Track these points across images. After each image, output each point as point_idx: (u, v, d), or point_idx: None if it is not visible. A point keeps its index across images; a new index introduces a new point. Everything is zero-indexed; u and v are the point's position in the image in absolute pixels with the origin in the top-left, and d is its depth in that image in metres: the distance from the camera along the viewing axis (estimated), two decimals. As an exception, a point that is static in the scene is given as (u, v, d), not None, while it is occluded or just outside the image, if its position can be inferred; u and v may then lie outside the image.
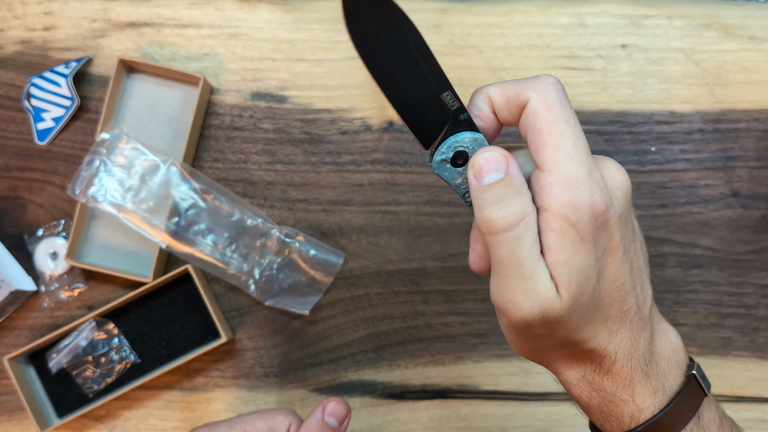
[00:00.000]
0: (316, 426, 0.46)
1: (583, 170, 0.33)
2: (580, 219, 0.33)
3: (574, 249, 0.33)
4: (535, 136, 0.34)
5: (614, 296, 0.35)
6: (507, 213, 0.33)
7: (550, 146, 0.33)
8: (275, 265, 0.64)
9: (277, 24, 0.65)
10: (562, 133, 0.33)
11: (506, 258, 0.33)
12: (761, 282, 0.63)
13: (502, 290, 0.34)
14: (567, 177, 0.33)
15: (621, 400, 0.37)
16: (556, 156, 0.33)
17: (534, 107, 0.34)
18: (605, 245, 0.34)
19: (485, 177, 0.34)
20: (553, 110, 0.34)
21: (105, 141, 0.63)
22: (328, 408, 0.47)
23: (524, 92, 0.34)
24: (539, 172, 0.34)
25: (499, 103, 0.36)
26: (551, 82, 0.34)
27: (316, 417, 0.46)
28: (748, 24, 0.64)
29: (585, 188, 0.33)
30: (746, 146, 0.64)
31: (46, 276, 0.65)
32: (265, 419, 0.47)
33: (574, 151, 0.33)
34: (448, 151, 0.35)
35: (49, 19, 0.66)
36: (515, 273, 0.33)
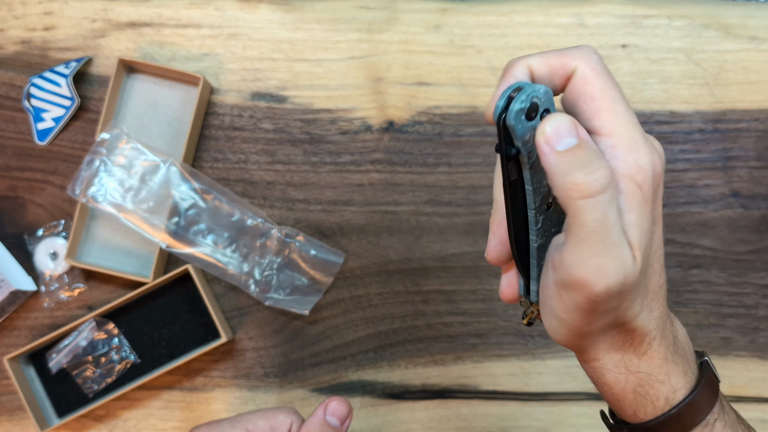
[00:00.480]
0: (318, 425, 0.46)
1: (640, 132, 0.33)
2: (645, 179, 0.33)
3: (641, 210, 0.33)
4: (588, 102, 0.34)
5: (655, 267, 0.35)
6: (599, 176, 0.32)
7: (605, 110, 0.33)
8: (275, 265, 0.64)
9: (277, 24, 0.65)
10: (615, 97, 0.33)
11: (597, 223, 0.32)
12: (761, 282, 0.63)
13: (588, 260, 0.32)
14: (628, 139, 0.33)
15: (658, 381, 0.37)
16: (614, 119, 0.33)
17: (583, 75, 0.34)
18: (656, 211, 0.34)
19: (560, 143, 0.32)
20: (602, 76, 0.34)
21: (105, 141, 0.63)
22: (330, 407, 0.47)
23: (569, 61, 0.34)
24: (597, 138, 0.33)
25: (542, 73, 0.35)
26: (594, 50, 0.34)
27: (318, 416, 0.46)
28: (748, 24, 0.64)
29: (645, 149, 0.33)
30: (746, 146, 0.64)
31: (46, 276, 0.65)
32: (267, 418, 0.47)
33: (629, 114, 0.33)
34: (527, 101, 0.34)
35: (49, 19, 0.66)
36: (605, 239, 0.32)
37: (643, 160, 0.33)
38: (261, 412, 0.47)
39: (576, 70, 0.34)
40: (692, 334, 0.64)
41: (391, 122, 0.65)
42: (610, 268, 0.32)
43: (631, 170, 0.33)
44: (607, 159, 0.33)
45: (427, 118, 0.64)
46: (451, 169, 0.64)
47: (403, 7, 0.65)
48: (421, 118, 0.64)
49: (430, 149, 0.64)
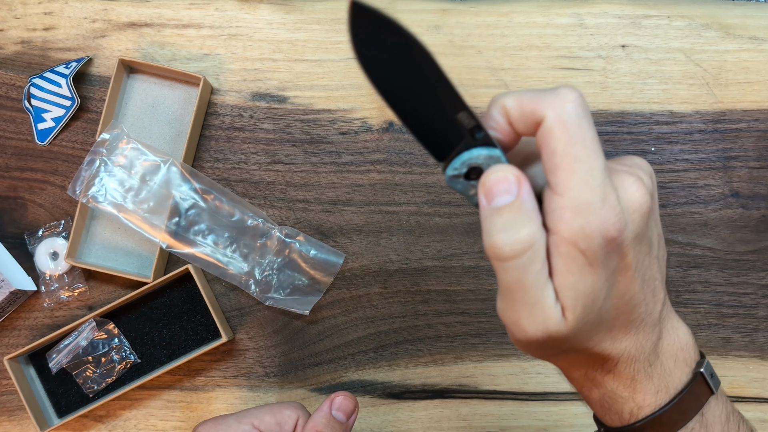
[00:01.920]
0: (324, 420, 0.46)
1: (597, 196, 0.31)
2: (590, 246, 0.32)
3: (581, 274, 0.32)
4: (549, 157, 0.32)
5: (621, 309, 0.35)
6: (515, 240, 0.31)
7: (563, 169, 0.32)
8: (275, 265, 0.64)
9: (278, 24, 0.65)
10: (577, 155, 0.32)
11: (512, 284, 0.32)
12: (761, 282, 0.63)
13: (507, 312, 0.33)
14: (579, 203, 0.31)
15: (621, 398, 0.37)
16: (568, 180, 0.31)
17: (549, 126, 0.32)
18: (615, 266, 0.33)
19: (495, 198, 0.32)
20: (568, 131, 0.32)
21: (105, 141, 0.63)
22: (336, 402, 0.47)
23: (540, 108, 0.32)
24: (551, 194, 0.32)
25: (515, 116, 0.34)
26: (570, 99, 0.32)
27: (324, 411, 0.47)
28: (748, 24, 0.64)
29: (597, 215, 0.31)
30: (746, 146, 0.64)
31: (46, 276, 0.65)
32: (273, 413, 0.47)
33: (588, 175, 0.31)
34: (462, 167, 0.34)
35: (49, 19, 0.66)
36: (521, 298, 0.32)
37: (591, 226, 0.31)
38: (267, 407, 0.47)
39: (544, 119, 0.32)
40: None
41: (391, 122, 0.65)
42: (526, 324, 0.33)
43: (574, 236, 0.31)
44: (555, 219, 0.32)
45: (427, 118, 0.64)
46: (451, 169, 0.64)
47: (403, 7, 0.65)
48: (421, 118, 0.65)
49: (430, 149, 0.64)
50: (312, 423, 0.46)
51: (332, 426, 0.46)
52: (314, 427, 0.46)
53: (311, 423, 0.46)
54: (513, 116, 0.34)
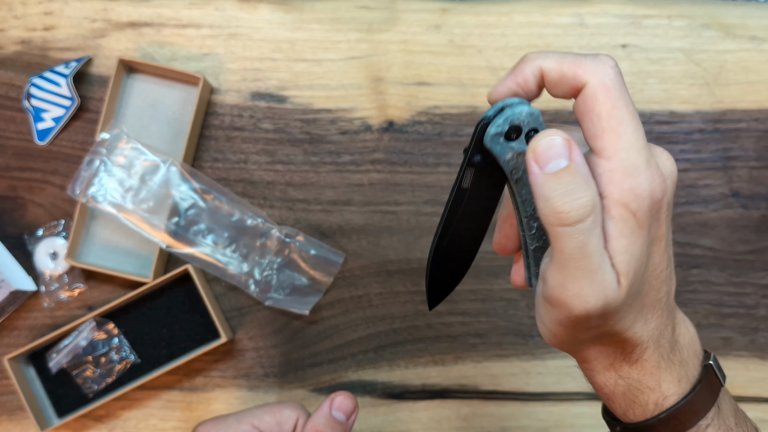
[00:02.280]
0: (324, 420, 0.46)
1: (643, 157, 0.32)
2: (640, 207, 0.32)
3: (633, 236, 0.32)
4: (594, 121, 0.32)
5: (653, 284, 0.35)
6: (579, 204, 0.31)
7: (610, 132, 0.32)
8: (275, 265, 0.64)
9: (277, 24, 0.65)
10: (623, 119, 0.32)
11: (576, 250, 0.32)
12: (761, 282, 0.63)
13: (568, 284, 0.32)
14: (628, 164, 0.32)
15: (647, 388, 0.37)
16: (616, 143, 0.32)
17: (593, 91, 0.32)
18: (654, 233, 0.34)
19: (549, 164, 0.32)
20: (613, 95, 0.32)
21: (105, 141, 0.63)
22: (336, 402, 0.47)
23: (582, 73, 0.33)
24: (597, 159, 0.33)
25: (552, 78, 0.34)
26: (611, 65, 0.33)
27: (324, 411, 0.46)
28: (748, 24, 0.64)
29: (645, 176, 0.32)
30: (746, 146, 0.64)
31: (46, 276, 0.65)
32: (273, 413, 0.47)
33: (634, 137, 0.32)
34: (504, 124, 0.34)
35: (49, 19, 0.66)
36: (584, 266, 0.32)
37: (641, 186, 0.32)
38: (267, 407, 0.47)
39: (587, 85, 0.33)
40: (692, 334, 0.64)
41: (391, 122, 0.65)
42: (589, 294, 0.32)
43: (625, 197, 0.32)
44: (604, 183, 0.32)
45: (427, 118, 0.64)
46: (451, 169, 0.64)
47: (403, 7, 0.65)
48: (421, 118, 0.64)
49: (430, 149, 0.64)
50: (312, 423, 0.46)
51: (332, 426, 0.46)
52: (314, 426, 0.46)
53: (311, 423, 0.46)
54: (550, 78, 0.34)
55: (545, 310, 0.35)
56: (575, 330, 0.35)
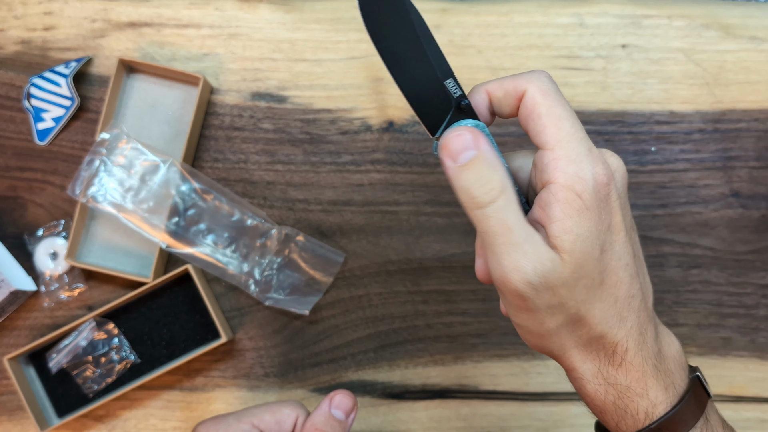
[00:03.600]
0: (323, 419, 0.46)
1: (584, 146, 0.36)
2: (584, 188, 0.35)
3: (579, 217, 0.35)
4: (536, 120, 0.36)
5: (620, 276, 0.37)
6: (490, 187, 0.35)
7: (551, 126, 0.36)
8: (275, 265, 0.64)
9: (277, 24, 0.65)
10: (561, 114, 0.36)
11: (497, 226, 0.35)
12: (761, 282, 0.63)
13: (502, 260, 0.35)
14: (570, 151, 0.35)
15: (636, 395, 0.38)
16: (557, 134, 0.36)
17: (532, 95, 0.36)
18: (609, 222, 0.36)
19: (459, 157, 0.36)
20: (549, 96, 0.36)
21: (105, 141, 0.63)
22: (335, 401, 0.47)
23: (521, 84, 0.37)
24: (543, 152, 0.36)
25: (498, 96, 0.38)
26: (544, 74, 0.37)
27: (323, 410, 0.47)
28: (748, 24, 0.64)
29: (587, 161, 0.35)
30: (746, 146, 0.64)
31: (46, 276, 0.65)
32: (273, 412, 0.47)
33: (573, 129, 0.36)
34: None
35: (49, 19, 0.66)
36: (510, 239, 0.35)
37: (584, 170, 0.35)
38: (266, 406, 0.47)
39: (526, 91, 0.37)
40: (692, 334, 0.64)
41: (391, 122, 0.65)
42: (523, 263, 0.35)
43: (569, 180, 0.35)
44: (550, 170, 0.35)
45: (427, 118, 0.64)
46: (451, 169, 0.64)
47: (403, 7, 0.65)
48: (421, 118, 0.64)
49: (430, 149, 0.64)
50: (311, 421, 0.46)
51: (331, 424, 0.46)
52: (313, 425, 0.46)
53: (310, 422, 0.46)
54: (496, 97, 0.38)
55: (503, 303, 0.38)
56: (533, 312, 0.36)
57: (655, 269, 0.64)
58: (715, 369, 0.63)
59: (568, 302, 0.36)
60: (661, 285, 0.64)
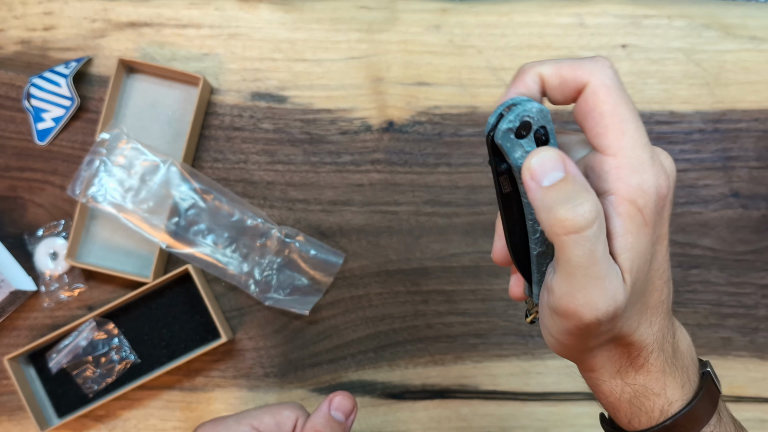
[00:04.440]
0: (323, 420, 0.46)
1: (647, 153, 0.33)
2: (647, 203, 0.32)
3: (639, 233, 0.32)
4: (597, 120, 0.33)
5: (656, 284, 0.35)
6: (583, 211, 0.31)
7: (614, 130, 0.32)
8: (275, 265, 0.64)
9: (277, 24, 0.65)
10: (625, 116, 0.33)
11: (584, 258, 0.31)
12: (761, 282, 0.63)
13: (577, 293, 0.32)
14: (634, 160, 0.32)
15: (653, 394, 0.37)
16: (621, 140, 0.32)
17: (594, 90, 0.33)
18: (659, 231, 0.34)
19: (545, 178, 0.32)
20: (614, 93, 0.33)
21: (105, 141, 0.63)
22: (335, 402, 0.47)
23: (582, 75, 0.33)
24: (603, 157, 0.33)
25: (553, 83, 0.34)
26: (608, 64, 0.33)
27: (323, 411, 0.46)
28: (748, 24, 0.64)
29: (651, 171, 0.32)
30: (746, 146, 0.64)
31: (46, 276, 0.65)
32: (272, 414, 0.47)
33: (638, 134, 0.33)
34: (515, 120, 0.33)
35: (49, 19, 0.66)
36: (593, 273, 0.32)
37: (648, 183, 0.32)
38: (266, 408, 0.47)
39: (588, 85, 0.33)
40: (692, 334, 0.63)
41: (391, 122, 0.65)
42: (599, 300, 0.32)
43: (633, 193, 0.32)
44: (611, 180, 0.32)
45: (427, 118, 0.64)
46: (451, 169, 0.64)
47: (403, 7, 0.65)
48: (421, 118, 0.64)
49: (430, 149, 0.64)
50: (311, 423, 0.46)
51: (331, 426, 0.46)
52: (313, 427, 0.46)
53: (310, 423, 0.46)
54: (550, 84, 0.34)
55: (553, 321, 0.35)
56: (585, 338, 0.34)
57: (655, 269, 0.64)
58: (715, 369, 0.63)
59: (618, 325, 0.34)
60: (661, 285, 0.64)
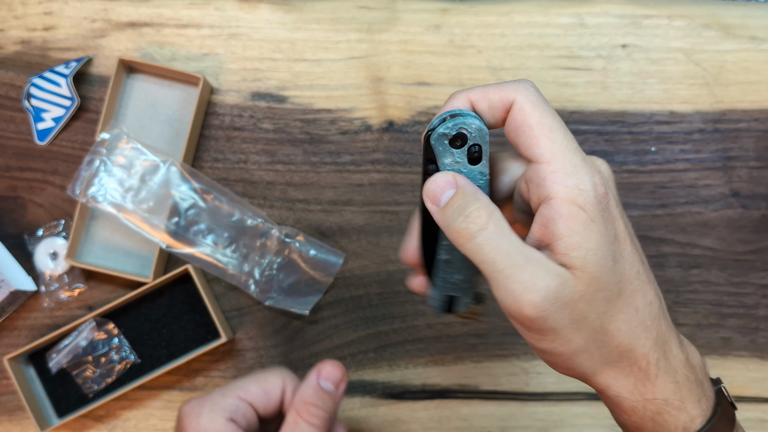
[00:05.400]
0: (311, 391, 0.45)
1: (579, 156, 0.35)
2: (587, 200, 0.34)
3: (586, 231, 0.34)
4: (527, 132, 0.35)
5: (635, 284, 0.36)
6: (474, 217, 0.34)
7: (544, 138, 0.34)
8: (275, 265, 0.64)
9: (277, 24, 0.65)
10: (552, 125, 0.35)
11: (495, 254, 0.34)
12: (761, 282, 0.63)
13: (509, 285, 0.34)
14: (566, 164, 0.34)
15: (674, 408, 0.36)
16: (552, 146, 0.34)
17: (521, 106, 0.35)
18: (614, 231, 0.35)
19: (441, 197, 0.36)
20: (539, 107, 0.35)
21: (105, 141, 0.63)
22: (324, 372, 0.46)
23: (507, 95, 0.36)
24: (537, 165, 0.35)
25: (482, 107, 0.37)
26: (531, 84, 0.36)
27: (311, 382, 0.45)
28: (748, 24, 0.64)
29: (585, 171, 0.34)
30: (746, 146, 0.64)
31: (46, 276, 0.65)
32: (258, 382, 0.46)
33: (566, 140, 0.35)
34: (453, 128, 0.36)
35: (49, 19, 0.66)
36: (511, 263, 0.34)
37: (584, 182, 0.34)
38: (251, 377, 0.46)
39: (514, 103, 0.35)
40: (692, 334, 0.64)
41: (391, 122, 0.65)
42: (531, 283, 0.33)
43: (571, 194, 0.34)
44: (548, 184, 0.34)
45: (427, 118, 0.64)
46: (451, 169, 0.64)
47: (403, 7, 0.65)
48: (421, 118, 0.65)
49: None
50: (300, 396, 0.45)
51: (321, 396, 0.45)
52: (302, 399, 0.45)
53: (299, 396, 0.45)
54: (480, 107, 0.37)
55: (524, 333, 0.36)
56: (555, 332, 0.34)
57: (655, 269, 0.63)
58: (715, 369, 0.63)
59: (589, 316, 0.34)
60: (661, 285, 0.63)
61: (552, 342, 0.35)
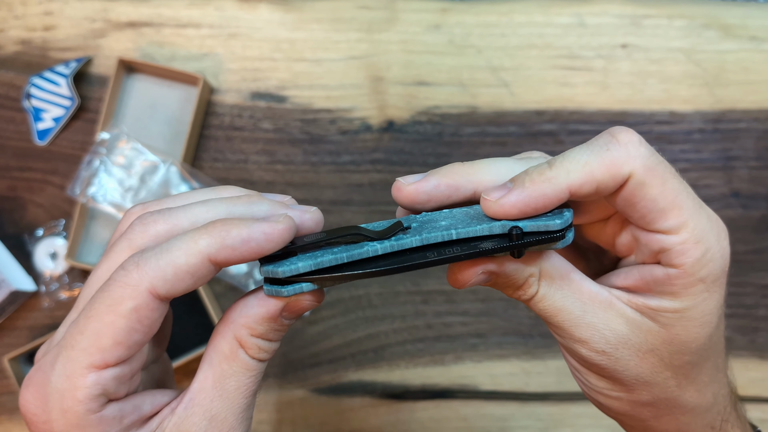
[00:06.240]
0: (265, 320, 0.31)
1: (705, 217, 0.30)
2: (710, 273, 0.30)
3: (702, 301, 0.31)
4: (650, 206, 0.29)
5: (723, 344, 0.34)
6: (525, 290, 0.31)
7: (672, 208, 0.29)
8: (275, 265, 0.64)
9: (277, 24, 0.65)
10: (676, 188, 0.29)
11: (550, 310, 0.31)
12: (761, 282, 0.63)
13: (574, 333, 0.31)
14: (696, 232, 0.29)
15: None
16: (681, 216, 0.29)
17: (640, 181, 0.29)
18: (720, 298, 0.32)
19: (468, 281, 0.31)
20: (658, 173, 0.29)
21: (105, 141, 0.63)
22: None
23: (619, 170, 0.29)
24: (664, 237, 0.30)
25: (587, 191, 0.29)
26: (635, 140, 0.29)
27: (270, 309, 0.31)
28: (748, 24, 0.64)
29: (713, 235, 0.30)
30: (746, 146, 0.64)
31: (46, 276, 0.65)
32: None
33: (693, 203, 0.30)
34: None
35: (49, 19, 0.66)
36: (563, 317, 0.31)
37: (713, 251, 0.30)
38: None
39: (632, 177, 0.29)
40: (692, 334, 0.64)
41: (391, 122, 0.65)
42: (594, 323, 0.31)
43: (695, 267, 0.30)
44: (674, 255, 0.30)
45: (427, 118, 0.64)
46: (451, 169, 0.64)
47: (403, 7, 0.65)
48: (421, 118, 0.64)
49: (430, 149, 0.64)
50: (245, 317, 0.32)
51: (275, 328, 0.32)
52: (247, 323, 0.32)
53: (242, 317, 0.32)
54: (585, 192, 0.30)
55: (595, 381, 0.34)
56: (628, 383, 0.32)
57: (655, 269, 0.64)
58: (715, 369, 0.63)
59: (703, 363, 0.32)
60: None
61: (623, 390, 0.33)
